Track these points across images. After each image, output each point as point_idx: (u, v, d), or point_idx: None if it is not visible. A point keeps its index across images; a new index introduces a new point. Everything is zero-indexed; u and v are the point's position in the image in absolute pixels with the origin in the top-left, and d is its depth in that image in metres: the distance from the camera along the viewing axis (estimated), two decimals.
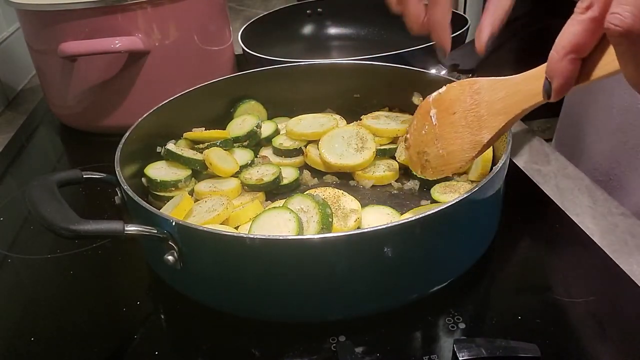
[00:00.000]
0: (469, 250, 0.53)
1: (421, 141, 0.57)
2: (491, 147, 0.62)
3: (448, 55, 0.72)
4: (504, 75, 0.48)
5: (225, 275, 0.49)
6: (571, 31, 0.35)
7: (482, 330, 0.48)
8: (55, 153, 0.91)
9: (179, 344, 0.51)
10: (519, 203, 0.65)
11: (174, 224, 0.47)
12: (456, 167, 0.53)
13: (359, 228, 0.57)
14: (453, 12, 1.06)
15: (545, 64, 0.38)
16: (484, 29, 0.55)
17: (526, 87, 0.44)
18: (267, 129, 0.76)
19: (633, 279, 0.52)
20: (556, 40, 0.36)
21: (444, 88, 0.54)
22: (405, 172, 0.67)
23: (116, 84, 0.84)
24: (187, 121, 0.73)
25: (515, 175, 0.69)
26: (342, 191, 0.61)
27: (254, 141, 0.74)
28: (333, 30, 1.20)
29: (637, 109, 0.66)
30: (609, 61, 0.36)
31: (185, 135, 0.72)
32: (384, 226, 0.45)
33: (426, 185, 0.64)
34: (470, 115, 0.50)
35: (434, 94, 0.55)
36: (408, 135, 0.59)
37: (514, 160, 0.73)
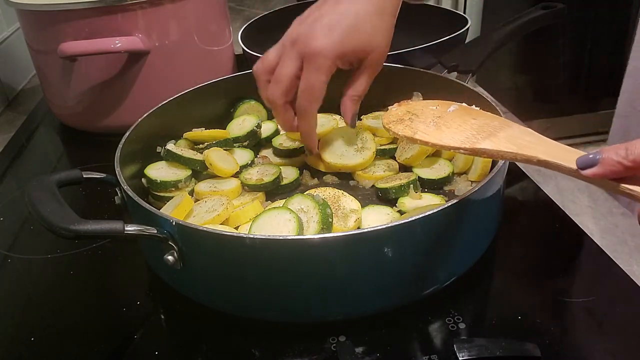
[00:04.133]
0: (469, 250, 0.53)
1: (421, 109, 0.54)
2: None
3: (448, 55, 0.72)
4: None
5: (225, 275, 0.49)
6: None
7: (482, 330, 0.48)
8: (55, 153, 0.91)
9: (179, 344, 0.51)
10: (519, 203, 0.65)
11: (174, 224, 0.47)
12: (428, 141, 0.49)
13: (359, 228, 0.57)
14: (453, 12, 1.07)
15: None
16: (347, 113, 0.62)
17: (556, 149, 0.43)
18: (267, 129, 0.76)
19: (633, 279, 0.52)
20: (633, 143, 0.37)
21: (476, 109, 0.55)
22: (405, 172, 0.67)
23: (116, 84, 0.84)
24: (187, 121, 0.73)
25: (515, 175, 0.69)
26: (342, 191, 0.61)
27: (254, 141, 0.74)
28: None
29: None
30: None
31: (185, 135, 0.72)
32: (384, 226, 0.45)
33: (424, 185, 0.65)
34: (487, 128, 0.49)
35: (464, 104, 0.56)
36: (409, 100, 0.59)
37: None
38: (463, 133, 0.49)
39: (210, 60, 0.92)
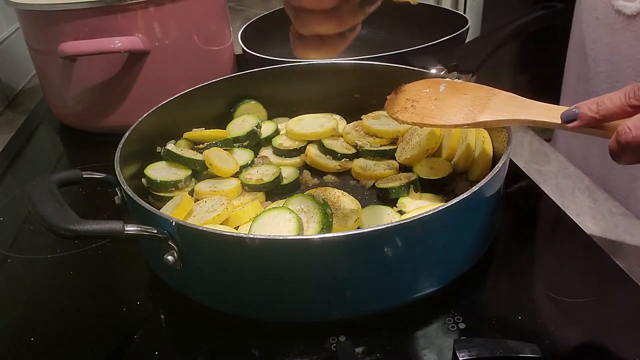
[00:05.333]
0: (469, 250, 0.53)
1: (417, 94, 0.58)
2: (491, 147, 0.62)
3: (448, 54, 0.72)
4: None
5: (225, 275, 0.49)
6: (613, 103, 0.42)
7: (482, 330, 0.48)
8: (55, 153, 0.91)
9: (179, 344, 0.51)
10: (519, 203, 0.65)
11: (174, 224, 0.47)
12: (436, 124, 0.54)
13: (359, 228, 0.57)
14: (453, 12, 1.07)
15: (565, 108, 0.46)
16: None
17: (540, 108, 0.49)
18: (267, 129, 0.76)
19: (633, 279, 0.52)
20: (602, 99, 0.43)
21: (460, 82, 0.59)
22: (405, 172, 0.67)
23: (116, 84, 0.84)
24: (187, 121, 0.73)
25: (515, 175, 0.69)
26: (342, 191, 0.61)
27: (254, 141, 0.74)
28: None
29: None
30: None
31: (185, 135, 0.72)
32: (384, 226, 0.44)
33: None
34: (479, 101, 0.53)
35: (449, 79, 0.59)
36: (404, 86, 0.61)
37: (514, 160, 0.73)
38: (462, 110, 0.53)
39: (210, 60, 0.92)
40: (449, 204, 0.46)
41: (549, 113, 0.48)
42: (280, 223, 0.53)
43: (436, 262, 0.50)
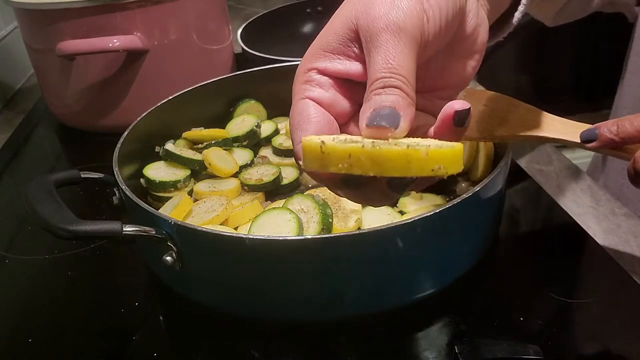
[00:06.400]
0: (470, 251, 0.53)
1: None
2: (493, 146, 0.62)
3: None
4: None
5: (225, 275, 0.49)
6: (633, 127, 0.41)
7: (483, 330, 0.48)
8: (54, 153, 0.91)
9: (178, 344, 0.50)
10: (520, 203, 0.64)
11: (172, 224, 0.46)
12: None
13: (359, 228, 0.56)
14: None
15: (585, 126, 0.45)
16: None
17: (560, 125, 0.48)
18: (266, 128, 0.75)
19: (635, 279, 0.52)
20: (623, 121, 0.42)
21: (479, 90, 0.56)
22: None
23: (115, 83, 0.83)
24: (186, 121, 0.72)
25: (517, 175, 0.69)
26: None
27: (254, 141, 0.73)
28: None
29: None
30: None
31: (184, 135, 0.71)
32: (384, 226, 0.44)
33: None
34: (497, 113, 0.51)
35: (470, 87, 0.57)
36: None
37: (516, 160, 0.73)
38: (481, 123, 0.51)
39: (210, 59, 0.91)
40: (450, 205, 0.46)
41: (568, 130, 0.46)
42: (280, 223, 0.53)
43: (437, 263, 0.50)
